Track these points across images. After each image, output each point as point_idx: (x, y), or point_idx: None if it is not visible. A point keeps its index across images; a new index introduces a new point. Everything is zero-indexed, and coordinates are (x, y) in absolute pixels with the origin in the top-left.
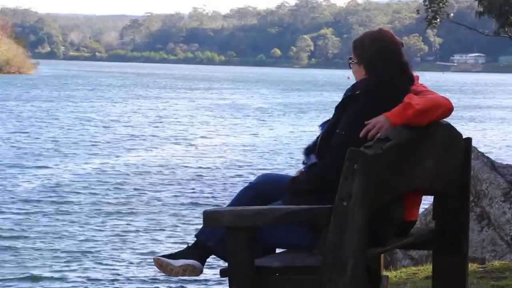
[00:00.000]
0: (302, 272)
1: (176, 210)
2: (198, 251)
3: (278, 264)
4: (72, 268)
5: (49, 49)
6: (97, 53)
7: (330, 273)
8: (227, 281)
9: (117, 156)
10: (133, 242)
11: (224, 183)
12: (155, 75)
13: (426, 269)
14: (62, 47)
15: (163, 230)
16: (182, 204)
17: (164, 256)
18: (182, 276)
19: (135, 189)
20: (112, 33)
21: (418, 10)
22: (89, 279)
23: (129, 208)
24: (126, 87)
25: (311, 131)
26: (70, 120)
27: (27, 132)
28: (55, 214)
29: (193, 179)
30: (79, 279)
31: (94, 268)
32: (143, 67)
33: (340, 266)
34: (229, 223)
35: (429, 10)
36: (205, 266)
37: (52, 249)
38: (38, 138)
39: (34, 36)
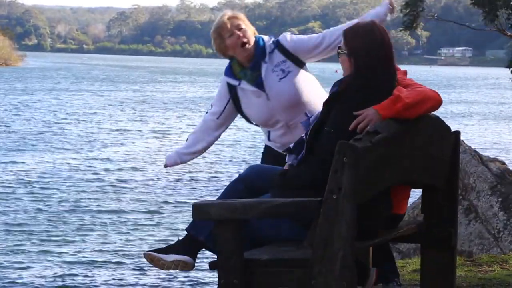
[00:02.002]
0: (291, 264)
1: (165, 204)
2: (189, 245)
3: (267, 256)
4: (56, 264)
5: (36, 41)
6: (84, 46)
7: (319, 265)
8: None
9: (100, 150)
10: (122, 236)
11: (213, 177)
12: (142, 68)
13: (414, 262)
14: (49, 39)
15: (152, 224)
16: (171, 198)
17: (155, 250)
18: (174, 270)
19: (121, 184)
20: (99, 26)
21: (401, 10)
22: (76, 275)
23: (116, 203)
24: (111, 80)
25: None
26: (51, 114)
27: (3, 126)
28: (34, 210)
29: (181, 173)
30: (65, 275)
31: (82, 264)
32: (130, 60)
33: (330, 259)
34: (218, 216)
35: (407, 15)
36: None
37: (33, 248)
38: (15, 132)
39: (20, 28)
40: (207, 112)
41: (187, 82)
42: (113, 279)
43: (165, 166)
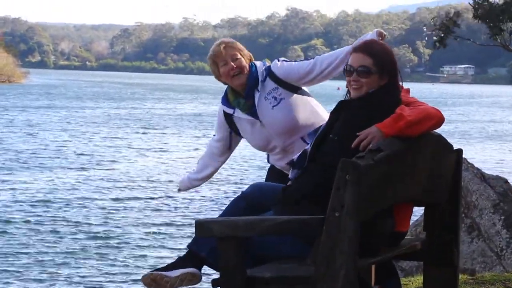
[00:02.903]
0: (293, 282)
1: (166, 222)
2: (190, 261)
3: (270, 274)
4: (54, 285)
5: (39, 58)
6: (87, 63)
7: (322, 283)
8: None
9: (99, 169)
10: (121, 256)
11: (215, 194)
12: (145, 85)
13: (417, 280)
14: (53, 56)
15: (153, 244)
16: (173, 216)
17: (155, 270)
18: (179, 287)
19: (120, 202)
20: (102, 43)
21: (425, 29)
22: None
23: (114, 222)
24: (113, 97)
25: None
26: (52, 131)
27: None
28: (32, 230)
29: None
30: None
31: (80, 284)
32: (133, 77)
33: (332, 276)
34: (220, 233)
35: (437, 32)
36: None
37: (32, 268)
38: (14, 150)
39: (24, 45)
40: (212, 138)
41: (189, 99)
42: None
43: (179, 190)
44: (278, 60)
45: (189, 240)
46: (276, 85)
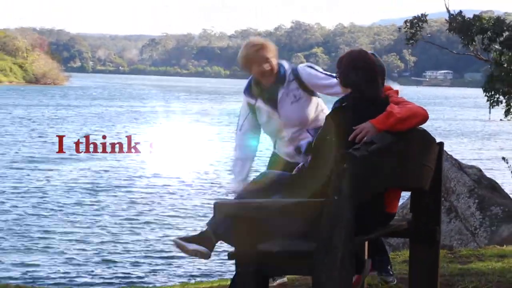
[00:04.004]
0: (298, 255)
1: (189, 205)
2: (209, 237)
3: (278, 248)
4: (97, 258)
5: (79, 64)
6: (120, 68)
7: (323, 257)
8: (234, 263)
9: (128, 158)
10: (147, 233)
11: (229, 180)
12: (170, 87)
13: (403, 254)
14: (91, 62)
15: (180, 220)
16: (193, 200)
17: (180, 238)
18: (193, 257)
19: (146, 189)
20: (133, 51)
21: (399, 29)
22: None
23: (142, 206)
24: (141, 97)
25: None
26: (88, 125)
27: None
28: (60, 214)
29: (202, 178)
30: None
31: (117, 256)
32: (160, 80)
33: (332, 251)
34: (236, 214)
35: (408, 31)
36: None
37: (65, 246)
38: (48, 142)
39: (67, 53)
40: (237, 134)
41: (207, 98)
42: (148, 269)
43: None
44: (307, 66)
45: (208, 219)
46: (298, 86)
